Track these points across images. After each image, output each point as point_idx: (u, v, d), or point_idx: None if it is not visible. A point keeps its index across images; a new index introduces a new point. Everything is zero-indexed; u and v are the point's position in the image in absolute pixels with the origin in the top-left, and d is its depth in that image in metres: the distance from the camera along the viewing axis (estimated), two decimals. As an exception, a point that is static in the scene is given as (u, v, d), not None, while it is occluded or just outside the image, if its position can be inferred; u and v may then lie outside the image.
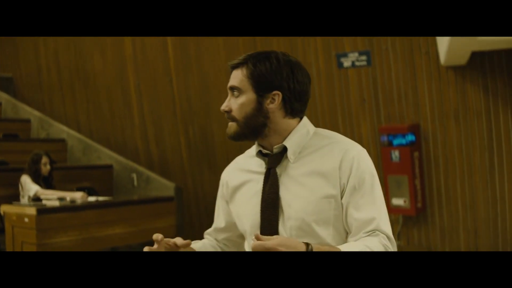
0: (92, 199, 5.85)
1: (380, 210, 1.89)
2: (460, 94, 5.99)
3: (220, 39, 7.17)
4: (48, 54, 8.56)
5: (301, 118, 2.00)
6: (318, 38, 6.56)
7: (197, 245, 2.12)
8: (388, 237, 1.86)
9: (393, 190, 6.11)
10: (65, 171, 6.68)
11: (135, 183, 7.03)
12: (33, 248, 5.09)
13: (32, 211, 5.17)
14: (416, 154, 6.13)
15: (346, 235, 1.91)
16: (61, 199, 5.47)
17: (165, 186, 6.69)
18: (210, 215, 7.68)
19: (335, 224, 1.89)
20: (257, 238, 1.66)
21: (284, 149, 1.96)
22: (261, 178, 1.97)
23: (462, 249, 6.03)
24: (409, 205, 6.04)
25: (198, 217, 7.55)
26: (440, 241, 6.16)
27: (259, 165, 2.00)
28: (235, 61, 1.96)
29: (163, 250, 1.87)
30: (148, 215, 6.12)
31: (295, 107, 1.95)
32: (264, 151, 1.99)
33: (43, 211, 5.23)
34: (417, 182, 6.10)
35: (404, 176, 6.07)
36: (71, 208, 5.49)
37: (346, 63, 6.45)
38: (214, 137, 7.36)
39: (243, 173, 2.04)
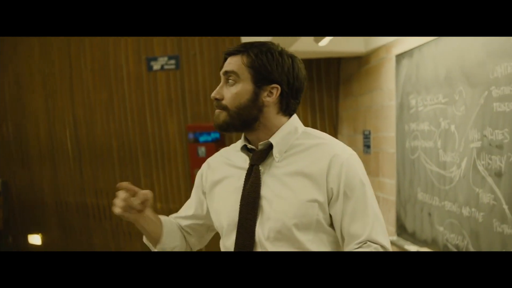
0: None
1: (373, 220, 1.74)
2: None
3: (35, 40, 7.22)
4: None
5: (290, 116, 1.87)
6: (129, 42, 6.80)
7: (165, 220, 1.98)
8: (382, 247, 1.72)
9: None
10: None
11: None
12: None
13: None
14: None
15: (327, 239, 1.79)
16: None
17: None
18: (23, 211, 7.63)
19: (316, 229, 1.76)
20: None
21: (270, 146, 1.81)
22: (243, 174, 1.83)
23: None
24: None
25: (12, 212, 7.61)
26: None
27: (244, 161, 1.86)
28: (234, 48, 1.81)
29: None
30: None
31: (290, 104, 1.83)
32: (250, 146, 1.85)
33: None
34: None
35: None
36: None
37: (156, 66, 6.75)
38: (28, 135, 7.44)
39: (226, 167, 1.91)
